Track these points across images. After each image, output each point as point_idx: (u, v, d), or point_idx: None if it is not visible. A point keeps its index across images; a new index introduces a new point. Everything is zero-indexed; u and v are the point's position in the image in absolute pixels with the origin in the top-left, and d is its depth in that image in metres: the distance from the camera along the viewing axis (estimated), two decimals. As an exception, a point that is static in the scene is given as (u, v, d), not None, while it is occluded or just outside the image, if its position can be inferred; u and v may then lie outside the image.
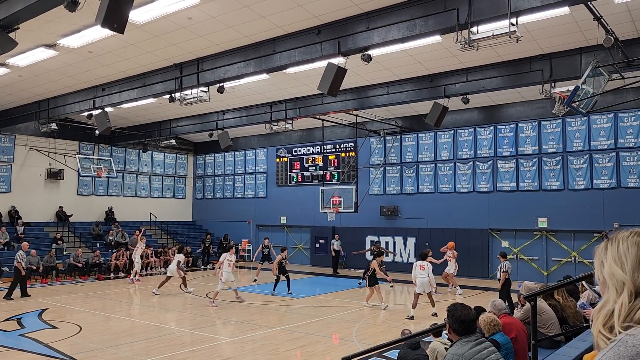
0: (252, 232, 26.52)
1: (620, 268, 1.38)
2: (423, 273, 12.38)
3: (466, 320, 3.98)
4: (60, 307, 14.02)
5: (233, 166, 27.92)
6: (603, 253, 1.45)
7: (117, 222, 24.52)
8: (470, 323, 4.00)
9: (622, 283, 1.37)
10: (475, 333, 4.01)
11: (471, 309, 4.17)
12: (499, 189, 19.27)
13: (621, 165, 16.84)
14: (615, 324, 1.34)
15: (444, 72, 14.92)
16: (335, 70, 11.13)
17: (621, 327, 1.32)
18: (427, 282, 12.45)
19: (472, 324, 4.01)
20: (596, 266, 1.47)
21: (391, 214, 21.64)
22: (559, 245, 17.98)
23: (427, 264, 12.64)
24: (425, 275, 12.42)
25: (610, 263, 1.41)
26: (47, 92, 17.83)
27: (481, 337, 4.03)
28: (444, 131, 20.44)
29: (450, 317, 4.05)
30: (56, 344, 9.90)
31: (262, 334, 10.97)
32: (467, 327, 3.97)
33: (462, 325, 3.97)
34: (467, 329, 3.97)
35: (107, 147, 25.41)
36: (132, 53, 13.68)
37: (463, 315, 3.99)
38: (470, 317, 4.02)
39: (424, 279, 12.40)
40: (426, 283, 12.43)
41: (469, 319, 3.99)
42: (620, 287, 1.36)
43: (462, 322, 3.97)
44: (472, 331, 3.99)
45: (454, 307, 4.11)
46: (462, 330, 3.97)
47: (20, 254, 16.28)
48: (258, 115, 19.75)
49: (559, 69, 13.04)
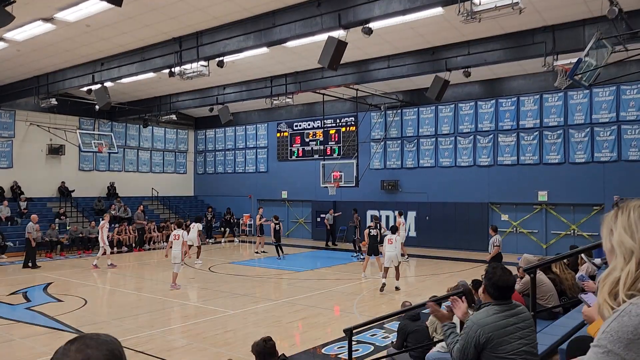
0: (253, 207, 26.64)
1: (630, 236, 1.38)
2: (391, 247, 12.52)
3: (503, 287, 3.59)
4: (65, 281, 14.20)
5: (234, 141, 27.89)
6: (613, 221, 1.45)
7: (119, 197, 24.62)
8: (508, 290, 3.61)
9: (630, 251, 1.37)
10: (509, 300, 3.62)
11: (511, 275, 3.72)
12: (499, 163, 19.28)
13: (622, 139, 16.80)
14: (619, 292, 1.34)
15: (446, 45, 14.77)
16: (336, 43, 11.03)
17: (626, 295, 1.32)
18: (395, 255, 12.58)
19: (509, 291, 3.62)
20: (605, 234, 1.46)
21: (392, 188, 21.69)
22: (558, 219, 18.08)
23: (396, 237, 12.75)
24: (392, 249, 12.53)
25: (619, 231, 1.41)
26: (46, 67, 17.70)
27: (515, 306, 3.62)
28: (445, 105, 20.34)
29: (488, 280, 3.66)
30: (62, 317, 10.06)
31: (265, 307, 11.13)
32: (503, 293, 3.59)
33: (498, 291, 3.59)
34: (503, 295, 3.59)
35: (107, 122, 25.34)
36: (130, 27, 13.53)
37: (502, 280, 3.58)
38: (509, 283, 3.62)
39: (391, 252, 12.52)
40: (393, 257, 12.55)
41: (506, 285, 3.60)
42: (629, 255, 1.37)
43: (498, 287, 3.59)
44: (508, 298, 3.62)
45: (493, 270, 3.69)
46: (497, 295, 3.60)
47: (31, 225, 16.72)
48: (258, 89, 19.63)
49: (562, 41, 12.90)
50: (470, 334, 3.47)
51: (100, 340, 1.31)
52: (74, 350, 1.28)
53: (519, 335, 3.46)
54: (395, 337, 6.58)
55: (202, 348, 8.16)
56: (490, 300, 3.62)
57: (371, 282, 13.98)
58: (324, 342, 8.37)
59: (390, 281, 12.72)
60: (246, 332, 9.03)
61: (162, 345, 8.26)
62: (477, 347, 3.44)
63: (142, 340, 8.50)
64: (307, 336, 8.93)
